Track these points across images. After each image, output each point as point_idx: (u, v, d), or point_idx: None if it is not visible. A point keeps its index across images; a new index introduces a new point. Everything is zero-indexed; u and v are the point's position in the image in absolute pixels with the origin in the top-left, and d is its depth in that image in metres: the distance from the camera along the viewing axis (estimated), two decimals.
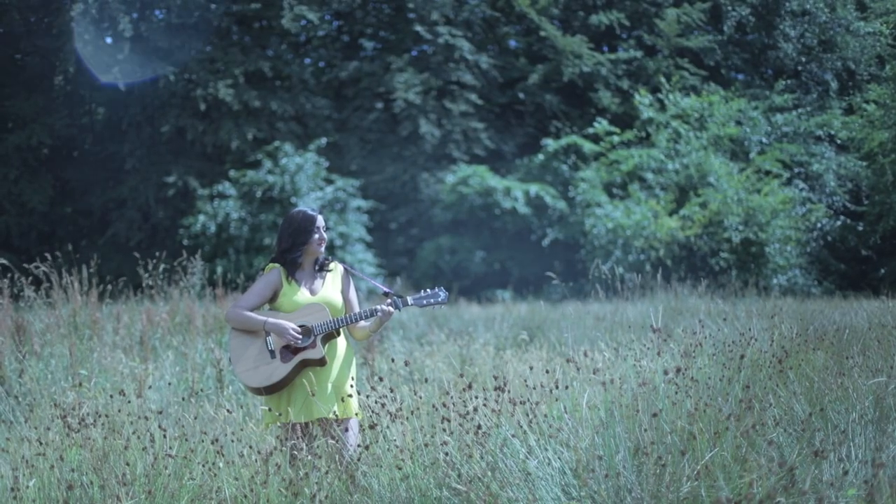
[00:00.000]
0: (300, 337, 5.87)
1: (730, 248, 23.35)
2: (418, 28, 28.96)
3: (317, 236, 6.13)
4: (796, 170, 25.53)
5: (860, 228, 24.62)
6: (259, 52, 28.74)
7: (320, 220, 6.19)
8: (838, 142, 25.58)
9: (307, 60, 30.36)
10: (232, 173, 26.17)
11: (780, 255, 23.31)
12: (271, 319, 5.91)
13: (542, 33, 28.93)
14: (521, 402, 5.48)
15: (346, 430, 5.87)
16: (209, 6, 28.11)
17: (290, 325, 5.88)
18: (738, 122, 25.90)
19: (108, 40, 27.84)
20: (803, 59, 27.38)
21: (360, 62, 29.40)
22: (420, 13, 29.14)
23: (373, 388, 5.83)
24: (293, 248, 6.13)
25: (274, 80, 28.94)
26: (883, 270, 24.07)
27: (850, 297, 17.95)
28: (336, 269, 6.25)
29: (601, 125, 26.36)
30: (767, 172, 24.98)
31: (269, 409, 5.94)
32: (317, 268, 6.17)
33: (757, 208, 23.34)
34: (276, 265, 6.14)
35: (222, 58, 28.07)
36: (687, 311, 13.49)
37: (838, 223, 24.80)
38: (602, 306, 14.39)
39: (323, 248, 6.18)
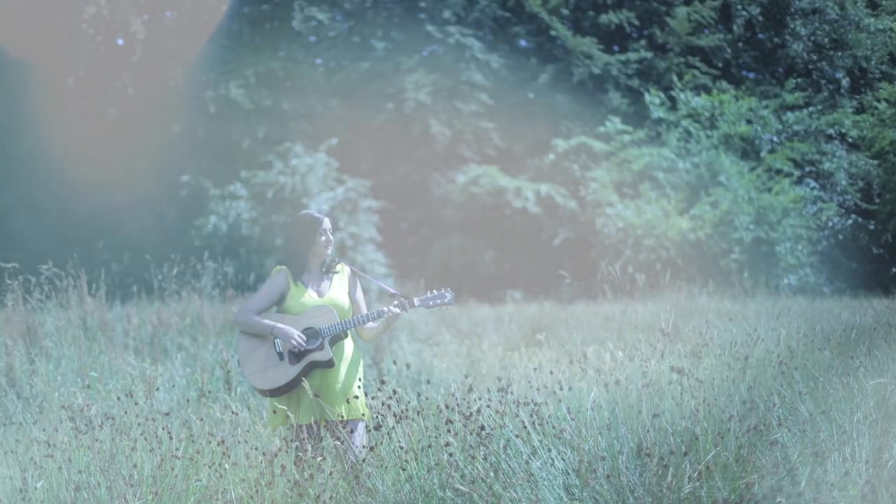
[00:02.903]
0: (304, 345, 5.91)
1: (741, 247, 23.32)
2: (429, 28, 28.96)
3: (323, 238, 6.17)
4: (807, 168, 25.47)
5: (872, 227, 24.55)
6: (270, 53, 28.79)
7: (327, 223, 6.23)
8: (849, 140, 25.51)
9: (318, 61, 30.38)
10: (243, 174, 26.22)
11: (792, 254, 23.26)
12: (278, 325, 5.95)
13: (553, 33, 28.92)
14: (524, 403, 5.51)
15: (352, 431, 5.91)
16: (220, 8, 28.17)
17: (296, 333, 5.92)
18: (749, 121, 25.85)
19: (120, 42, 27.95)
20: (814, 58, 27.30)
21: (370, 62, 29.42)
22: (431, 13, 29.15)
23: (378, 390, 5.87)
24: (300, 250, 6.17)
25: (285, 80, 28.98)
26: (894, 269, 24.00)
27: (861, 296, 17.92)
28: (343, 270, 6.28)
29: (612, 124, 26.34)
30: (778, 171, 24.93)
31: (275, 412, 5.98)
32: (324, 269, 6.21)
33: (768, 207, 23.31)
34: (283, 267, 6.18)
35: (233, 59, 28.14)
36: (697, 311, 13.51)
37: (849, 222, 24.74)
38: (611, 306, 14.39)
39: (330, 250, 6.22)
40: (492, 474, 5.09)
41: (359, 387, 6.05)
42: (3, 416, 8.25)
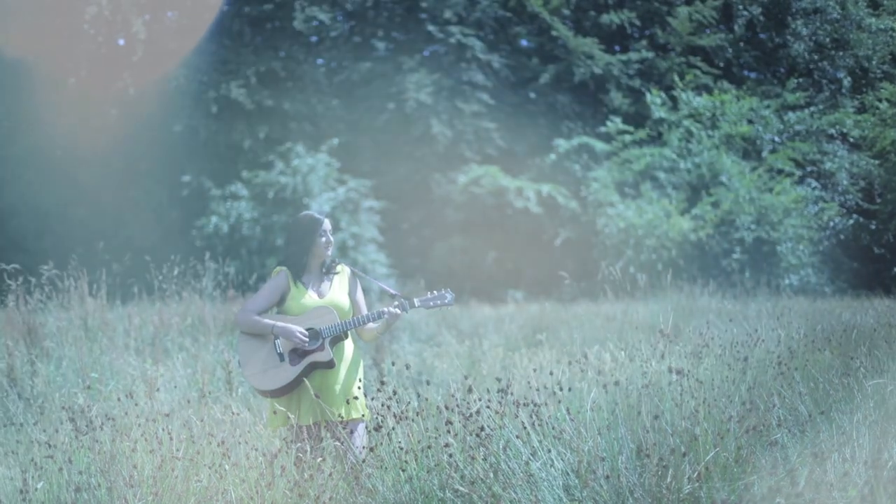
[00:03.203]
0: (307, 340, 5.92)
1: (742, 247, 23.31)
2: (430, 28, 28.97)
3: (323, 239, 6.18)
4: (808, 168, 25.45)
5: (873, 227, 24.53)
6: (271, 53, 28.80)
7: (327, 224, 6.24)
8: (851, 140, 25.48)
9: (319, 61, 30.39)
10: (244, 174, 26.24)
11: (793, 255, 23.26)
12: (279, 323, 5.96)
13: (554, 33, 28.92)
14: (524, 404, 5.51)
15: (352, 432, 5.92)
16: (222, 8, 28.18)
17: (298, 329, 5.93)
18: (751, 121, 25.84)
19: (121, 42, 27.96)
20: (815, 57, 27.29)
21: (372, 62, 29.42)
22: (432, 13, 29.15)
23: (378, 391, 5.88)
24: (300, 251, 6.18)
25: (286, 80, 29.00)
26: None
27: (862, 296, 17.92)
28: (343, 271, 6.30)
29: (614, 124, 26.34)
30: (780, 171, 24.92)
31: (275, 413, 5.99)
32: (324, 270, 6.22)
33: (769, 207, 23.30)
34: (283, 268, 6.19)
35: (235, 59, 28.15)
36: (698, 311, 13.51)
37: (851, 221, 24.71)
38: (613, 306, 14.39)
39: (329, 251, 6.23)
40: (491, 475, 5.09)
41: (359, 388, 6.06)
42: (4, 416, 8.26)
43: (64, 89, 28.67)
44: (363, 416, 6.01)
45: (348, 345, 6.15)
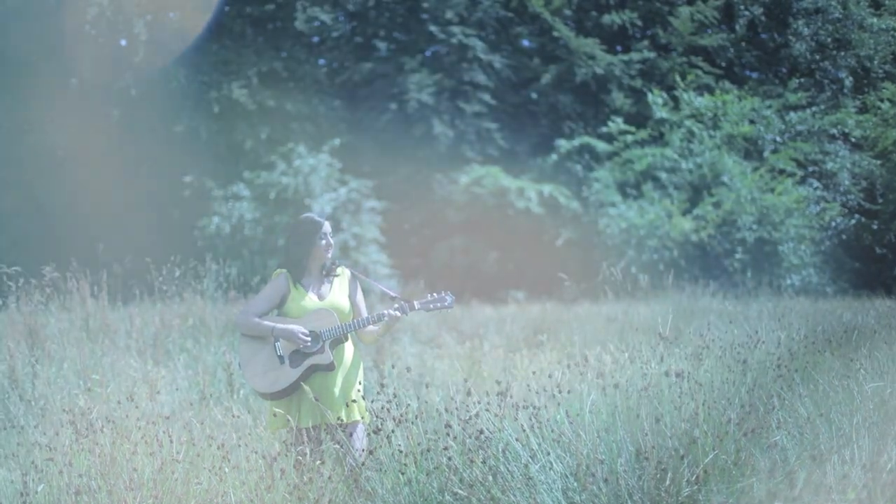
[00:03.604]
0: (309, 341, 5.93)
1: (744, 247, 23.31)
2: (432, 28, 28.96)
3: (323, 242, 6.19)
4: (810, 168, 25.44)
5: (875, 227, 24.51)
6: (273, 54, 28.79)
7: (326, 227, 6.25)
8: (852, 140, 25.46)
9: (321, 61, 30.38)
10: (246, 174, 26.24)
11: (794, 255, 23.25)
12: (280, 325, 5.96)
13: (556, 33, 28.91)
14: (523, 407, 5.52)
15: (352, 434, 5.92)
16: (223, 8, 28.18)
17: (300, 329, 5.93)
18: (752, 121, 25.83)
19: (123, 42, 27.96)
20: (817, 57, 27.26)
21: (373, 63, 29.41)
22: (434, 13, 29.14)
23: (378, 393, 5.88)
24: (300, 254, 6.18)
25: (288, 81, 28.99)
26: None
27: (864, 296, 17.91)
28: (343, 273, 6.30)
29: (615, 124, 26.34)
30: (781, 171, 24.91)
31: (275, 415, 5.99)
32: (324, 273, 6.22)
33: (771, 207, 23.29)
34: (283, 270, 6.20)
35: (236, 59, 28.16)
36: (699, 312, 13.51)
37: (852, 222, 24.70)
38: (614, 307, 14.40)
39: (329, 254, 6.23)
40: (490, 478, 5.09)
41: (358, 390, 6.06)
42: (5, 419, 8.27)
43: (65, 90, 28.68)
44: (362, 418, 6.01)
45: (348, 347, 6.15)
